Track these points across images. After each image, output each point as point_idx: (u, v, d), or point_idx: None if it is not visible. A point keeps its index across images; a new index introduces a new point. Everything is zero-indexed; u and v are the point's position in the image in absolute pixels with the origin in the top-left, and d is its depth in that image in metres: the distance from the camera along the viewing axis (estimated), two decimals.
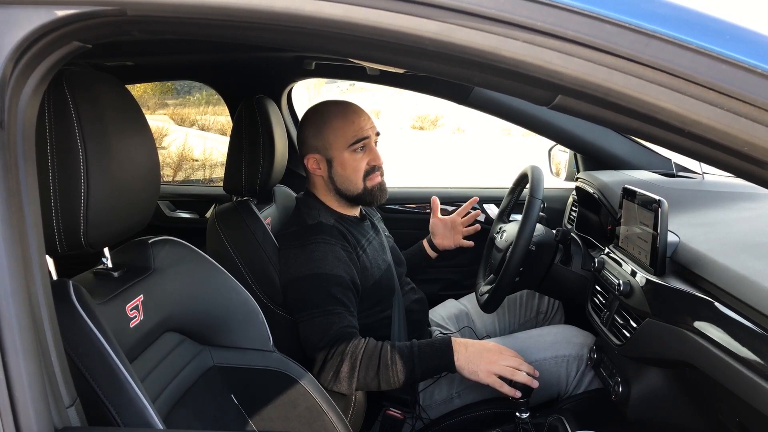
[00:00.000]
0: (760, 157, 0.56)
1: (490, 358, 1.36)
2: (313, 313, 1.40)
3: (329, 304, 1.41)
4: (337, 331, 1.37)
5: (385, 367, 1.35)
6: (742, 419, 0.99)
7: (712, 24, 0.57)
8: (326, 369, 1.35)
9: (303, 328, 1.42)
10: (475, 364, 1.36)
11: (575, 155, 2.15)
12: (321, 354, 1.36)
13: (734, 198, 1.49)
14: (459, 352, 1.37)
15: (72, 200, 0.78)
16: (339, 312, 1.40)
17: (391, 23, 0.58)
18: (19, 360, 0.62)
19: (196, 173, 8.67)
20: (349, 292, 1.46)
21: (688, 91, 0.55)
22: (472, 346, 1.38)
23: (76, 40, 0.66)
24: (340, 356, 1.35)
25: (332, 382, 1.36)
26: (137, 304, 0.95)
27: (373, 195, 1.58)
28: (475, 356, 1.36)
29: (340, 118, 1.56)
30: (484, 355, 1.37)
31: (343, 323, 1.39)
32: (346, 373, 1.34)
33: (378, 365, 1.35)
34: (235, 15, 0.61)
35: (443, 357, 1.37)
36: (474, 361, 1.36)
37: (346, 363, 1.34)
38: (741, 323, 0.90)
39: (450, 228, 1.93)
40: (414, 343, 1.40)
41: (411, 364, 1.35)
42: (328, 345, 1.36)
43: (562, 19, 0.56)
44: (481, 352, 1.37)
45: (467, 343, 1.39)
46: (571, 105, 0.65)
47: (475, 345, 1.39)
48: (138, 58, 1.97)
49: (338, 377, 1.35)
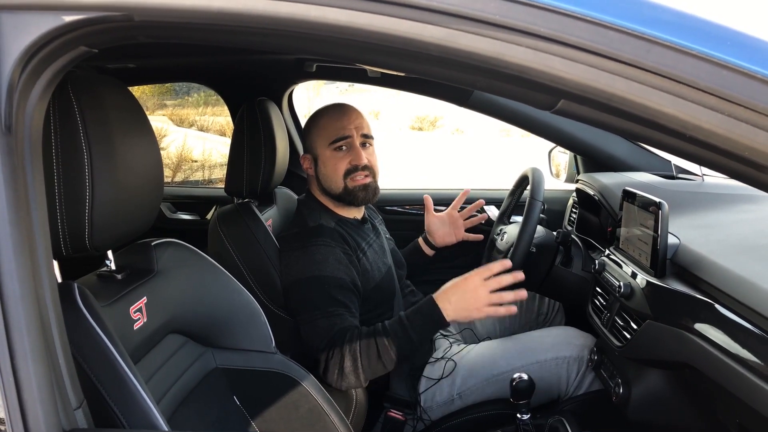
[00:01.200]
0: (761, 162, 0.57)
1: (473, 296, 1.34)
2: (315, 315, 1.41)
3: (331, 306, 1.41)
4: (338, 331, 1.38)
5: (384, 348, 1.34)
6: (742, 421, 0.99)
7: (714, 30, 0.57)
8: (330, 369, 1.36)
9: (305, 330, 1.43)
10: (464, 309, 1.34)
11: (575, 157, 2.16)
12: (323, 355, 1.37)
13: (734, 200, 1.50)
14: (445, 308, 1.35)
15: (77, 203, 0.79)
16: (340, 313, 1.41)
17: (396, 29, 0.59)
18: (28, 362, 0.62)
19: (196, 174, 8.67)
20: (351, 294, 1.47)
21: (689, 96, 0.56)
22: (453, 296, 1.36)
23: (83, 44, 0.67)
24: (341, 353, 1.35)
25: (339, 380, 1.36)
26: (141, 306, 0.95)
27: (354, 195, 1.56)
28: (461, 303, 1.35)
29: (326, 117, 1.60)
30: (467, 297, 1.34)
31: (345, 324, 1.39)
32: (350, 367, 1.35)
33: (377, 350, 1.34)
34: (241, 20, 0.62)
35: (433, 318, 1.36)
36: (462, 307, 1.34)
37: (347, 358, 1.35)
38: (741, 325, 0.91)
39: (448, 224, 1.90)
40: (402, 316, 1.38)
41: (407, 337, 1.35)
42: (329, 346, 1.36)
43: (566, 26, 0.56)
44: (464, 296, 1.35)
45: (448, 294, 1.36)
46: (574, 110, 0.65)
47: (456, 293, 1.36)
48: (140, 61, 1.98)
49: (343, 374, 1.35)
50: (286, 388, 1.19)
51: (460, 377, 1.57)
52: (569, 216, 2.04)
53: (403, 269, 1.81)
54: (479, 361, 1.59)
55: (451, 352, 1.64)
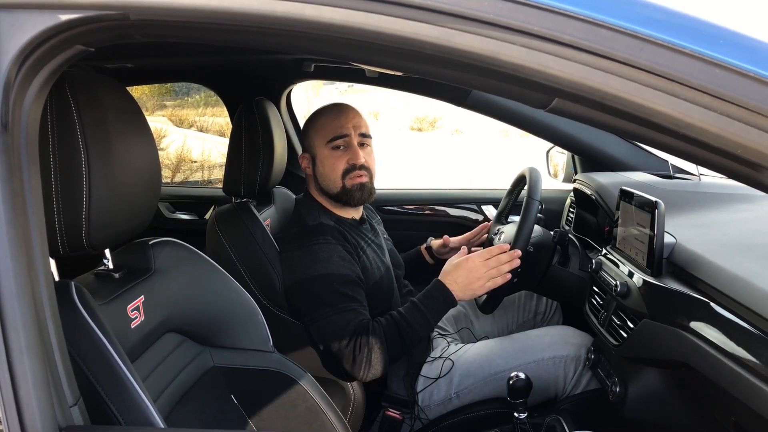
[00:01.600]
0: (753, 160, 0.57)
1: (476, 275, 1.45)
2: (328, 312, 1.42)
3: (342, 302, 1.43)
4: (357, 325, 1.41)
5: (407, 333, 1.42)
6: (737, 419, 0.99)
7: (706, 29, 0.58)
8: (357, 362, 1.39)
9: (318, 327, 1.44)
10: (469, 288, 1.45)
11: (573, 157, 2.16)
12: (347, 350, 1.40)
13: (730, 199, 1.50)
14: (453, 288, 1.45)
15: (74, 202, 0.79)
16: (354, 308, 1.43)
17: (392, 27, 0.59)
18: (24, 360, 0.63)
19: (195, 174, 8.68)
20: (359, 288, 1.49)
21: (682, 94, 0.56)
22: (459, 276, 1.46)
23: (80, 43, 0.67)
24: (368, 346, 1.39)
25: (367, 372, 1.41)
26: (138, 304, 0.96)
27: (351, 194, 1.57)
28: (465, 282, 1.45)
29: (324, 116, 1.61)
30: (470, 277, 1.45)
31: (361, 317, 1.43)
32: (378, 357, 1.40)
33: (401, 335, 1.42)
34: (237, 19, 0.62)
35: (444, 299, 1.45)
36: (466, 285, 1.45)
37: (375, 350, 1.39)
38: (737, 324, 0.91)
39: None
40: (416, 301, 1.47)
41: (424, 319, 1.44)
42: (353, 339, 1.39)
43: (559, 24, 0.56)
44: (467, 275, 1.45)
45: (453, 276, 1.47)
46: (568, 108, 0.66)
47: (460, 273, 1.47)
48: (138, 60, 1.98)
49: (371, 365, 1.40)
50: (283, 387, 1.19)
51: (458, 376, 1.57)
52: (567, 215, 2.04)
53: (401, 269, 1.82)
54: (477, 361, 1.60)
55: (449, 352, 1.65)
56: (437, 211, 2.41)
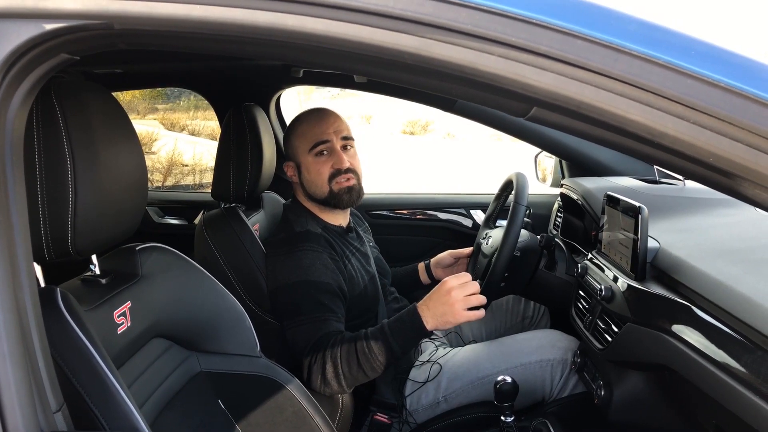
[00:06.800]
0: (725, 168, 0.58)
1: (450, 302, 1.35)
2: (301, 320, 1.41)
3: (317, 312, 1.42)
4: (321, 336, 1.38)
5: (364, 356, 1.34)
6: (718, 422, 1.01)
7: (679, 40, 0.59)
8: (313, 374, 1.36)
9: (290, 334, 1.43)
10: (442, 316, 1.35)
11: (560, 162, 2.18)
12: (306, 360, 1.37)
13: (714, 204, 1.52)
14: (426, 317, 1.36)
15: (60, 208, 0.79)
16: (326, 318, 1.41)
17: (372, 38, 0.60)
18: (6, 365, 0.63)
19: (186, 178, 8.66)
20: (337, 299, 1.47)
21: (655, 104, 0.58)
22: (432, 303, 1.37)
23: (64, 52, 0.68)
24: (323, 359, 1.35)
25: (322, 386, 1.36)
26: (125, 310, 0.96)
27: (339, 198, 1.57)
28: (440, 310, 1.35)
29: (305, 123, 1.61)
30: (445, 304, 1.35)
31: (329, 329, 1.40)
32: (332, 373, 1.35)
33: (357, 357, 1.34)
34: (219, 29, 0.63)
35: (414, 327, 1.36)
36: (440, 314, 1.35)
37: (328, 364, 1.35)
38: (717, 327, 0.93)
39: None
40: (384, 324, 1.38)
41: (387, 345, 1.35)
42: (312, 351, 1.37)
43: (535, 35, 0.58)
44: (441, 302, 1.36)
45: (428, 302, 1.37)
46: (546, 117, 0.67)
47: (434, 300, 1.37)
48: (127, 66, 1.98)
49: (326, 380, 1.35)
50: (270, 392, 1.19)
51: (446, 380, 1.58)
52: (555, 220, 2.06)
53: (387, 277, 1.82)
54: (464, 364, 1.61)
55: (437, 356, 1.65)
56: (426, 215, 2.42)
